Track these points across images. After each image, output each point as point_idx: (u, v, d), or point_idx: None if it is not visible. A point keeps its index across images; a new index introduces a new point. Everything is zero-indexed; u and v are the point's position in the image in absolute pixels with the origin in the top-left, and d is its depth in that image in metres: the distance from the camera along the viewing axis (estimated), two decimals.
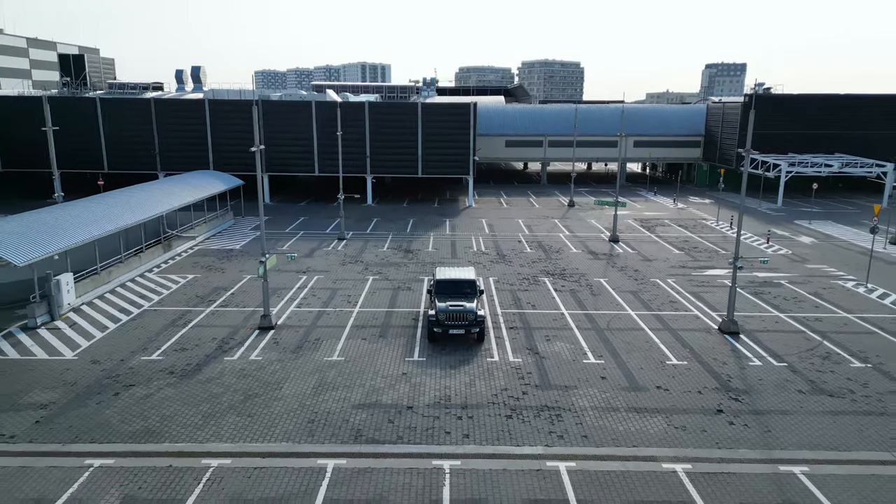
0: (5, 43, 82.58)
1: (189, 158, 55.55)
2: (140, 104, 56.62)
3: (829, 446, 16.90)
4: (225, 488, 14.84)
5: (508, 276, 33.49)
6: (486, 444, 16.84)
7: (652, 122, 73.76)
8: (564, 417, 18.28)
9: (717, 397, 19.62)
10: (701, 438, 17.22)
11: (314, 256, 37.28)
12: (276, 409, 18.63)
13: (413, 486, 14.96)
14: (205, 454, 16.27)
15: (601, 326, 25.83)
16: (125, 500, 14.32)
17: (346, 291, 30.39)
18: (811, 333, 25.23)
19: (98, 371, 21.22)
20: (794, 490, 14.97)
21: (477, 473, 15.49)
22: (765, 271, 34.64)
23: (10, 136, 55.55)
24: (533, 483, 15.11)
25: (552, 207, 56.89)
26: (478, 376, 20.95)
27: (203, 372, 21.19)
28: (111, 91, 79.19)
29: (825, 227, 47.37)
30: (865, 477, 15.53)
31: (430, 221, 49.23)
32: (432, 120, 56.05)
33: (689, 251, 39.70)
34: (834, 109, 65.59)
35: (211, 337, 24.31)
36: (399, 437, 17.16)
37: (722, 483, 15.19)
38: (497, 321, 26.31)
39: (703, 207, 57.24)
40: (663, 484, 15.14)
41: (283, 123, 55.59)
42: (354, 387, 20.15)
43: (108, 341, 23.84)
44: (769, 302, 29.20)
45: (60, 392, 19.66)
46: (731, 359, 22.64)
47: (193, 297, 29.20)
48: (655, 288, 31.46)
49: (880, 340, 24.53)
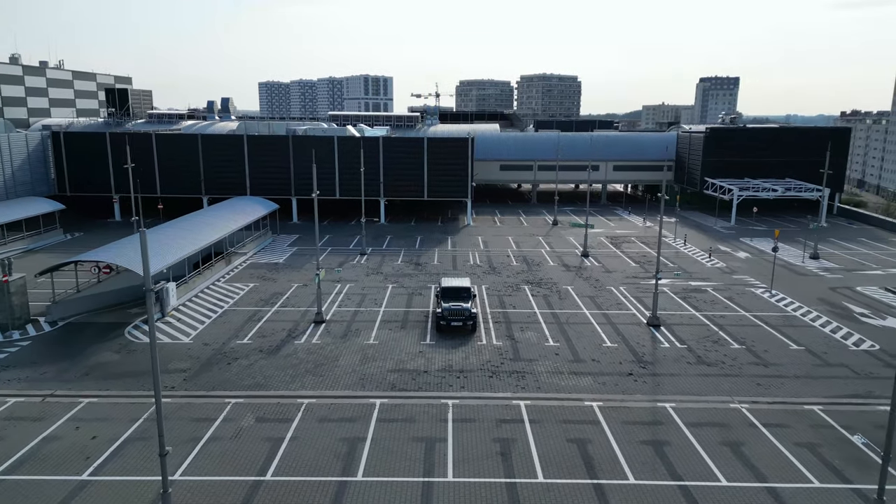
0: (55, 76, 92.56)
1: (229, 184, 65.31)
2: (188, 138, 66.43)
3: (693, 393, 26.51)
4: (315, 414, 24.44)
5: (497, 284, 43.15)
6: (475, 391, 26.45)
7: (629, 148, 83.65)
8: (527, 377, 27.90)
9: (631, 366, 29.23)
10: (613, 389, 26.83)
11: (343, 268, 46.91)
12: (338, 372, 28.25)
13: (430, 412, 24.57)
14: (297, 396, 25.88)
15: (562, 321, 35.46)
16: (258, 419, 23.95)
17: (372, 296, 40.05)
18: (713, 326, 34.84)
19: (210, 350, 30.84)
20: (662, 415, 24.56)
21: (469, 406, 25.10)
22: (697, 280, 44.30)
23: (76, 164, 65.29)
24: (503, 411, 24.72)
25: (538, 226, 66.58)
26: (471, 353, 30.57)
27: (282, 351, 30.82)
28: (150, 120, 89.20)
29: (762, 244, 56.96)
30: (708, 409, 25.11)
31: (434, 238, 58.93)
32: (436, 151, 65.88)
33: (644, 264, 49.32)
34: (783, 140, 75.48)
35: (281, 328, 33.95)
36: (419, 387, 26.78)
37: (618, 411, 24.79)
38: (486, 317, 35.94)
39: (667, 226, 66.91)
40: (582, 411, 24.75)
41: (309, 154, 65.33)
42: (387, 359, 29.77)
43: (209, 331, 33.49)
44: (691, 303, 38.85)
45: (191, 363, 29.31)
46: (649, 343, 32.27)
47: (259, 300, 38.86)
48: (609, 293, 41.10)
49: (760, 331, 34.14)
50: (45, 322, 34.32)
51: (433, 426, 23.45)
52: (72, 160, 65.17)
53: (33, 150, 62.09)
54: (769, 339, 32.93)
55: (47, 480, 19.89)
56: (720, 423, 23.98)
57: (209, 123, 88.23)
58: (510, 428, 23.36)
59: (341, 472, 20.45)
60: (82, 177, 65.58)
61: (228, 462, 20.98)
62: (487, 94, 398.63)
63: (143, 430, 23.05)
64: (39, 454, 21.45)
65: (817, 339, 32.81)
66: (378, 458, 21.29)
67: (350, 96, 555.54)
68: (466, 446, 22.04)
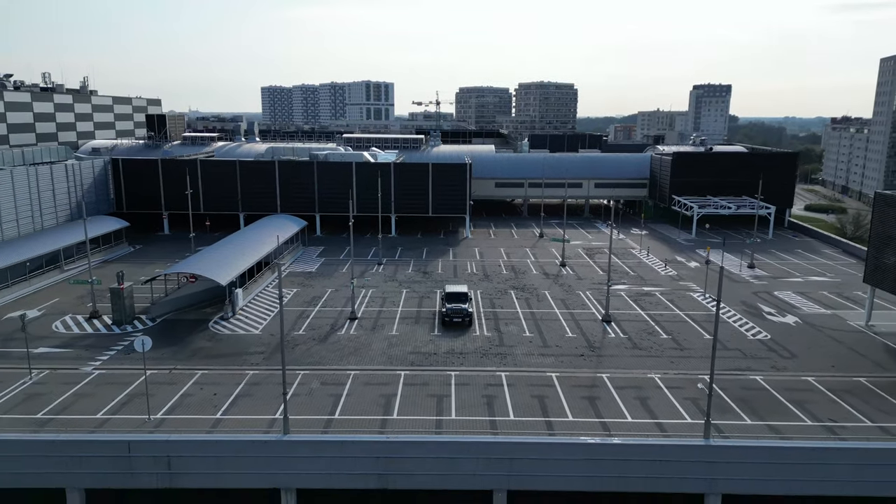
0: (98, 102, 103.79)
1: (262, 203, 76.40)
2: (228, 164, 77.53)
3: (623, 367, 37.62)
4: (360, 381, 35.53)
5: (489, 289, 54.27)
6: (470, 366, 37.57)
7: (609, 168, 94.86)
8: (507, 357, 39.02)
9: (584, 350, 40.34)
10: (567, 365, 37.94)
11: (365, 277, 58.02)
12: (372, 354, 39.37)
13: (438, 379, 35.67)
14: (346, 370, 36.98)
15: (537, 318, 46.57)
16: (322, 383, 35.05)
17: (391, 299, 51.16)
18: (651, 322, 45.95)
19: (276, 339, 41.93)
20: (598, 381, 35.66)
21: (466, 375, 36.21)
22: (649, 286, 55.44)
23: (132, 186, 76.39)
24: (489, 378, 35.83)
25: (527, 238, 77.73)
26: (468, 341, 41.70)
27: (329, 339, 41.94)
28: (184, 142, 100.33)
29: (713, 255, 68.02)
30: (631, 378, 36.21)
31: (438, 250, 70.03)
32: (439, 174, 77.04)
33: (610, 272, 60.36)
34: (741, 163, 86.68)
35: (325, 323, 45.06)
36: (430, 364, 37.88)
37: (569, 379, 35.91)
38: (480, 315, 47.04)
39: (637, 238, 78.01)
40: (544, 379, 35.85)
41: (331, 177, 76.45)
42: (407, 345, 40.88)
43: (272, 325, 44.59)
44: (639, 305, 49.97)
45: (264, 347, 40.42)
46: (600, 334, 43.39)
47: (303, 302, 49.98)
48: (577, 297, 52.23)
49: (686, 326, 45.25)
50: (147, 318, 45.44)
51: (441, 388, 34.58)
52: (128, 182, 76.31)
53: (98, 174, 73.20)
54: (690, 331, 44.08)
55: (195, 419, 30.99)
56: (637, 386, 35.11)
57: (237, 145, 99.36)
58: (493, 389, 34.50)
59: (383, 413, 31.59)
60: (137, 196, 76.68)
61: (310, 408, 32.11)
62: (486, 101, 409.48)
63: (246, 390, 34.18)
64: (183, 404, 32.57)
65: (726, 331, 43.92)
66: (405, 406, 32.42)
67: (352, 101, 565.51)
68: (464, 399, 33.18)
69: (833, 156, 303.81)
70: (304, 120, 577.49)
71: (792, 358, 39.39)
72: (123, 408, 32.00)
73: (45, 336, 41.94)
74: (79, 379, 35.48)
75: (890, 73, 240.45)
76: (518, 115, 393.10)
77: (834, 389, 34.82)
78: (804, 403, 33.03)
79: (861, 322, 45.62)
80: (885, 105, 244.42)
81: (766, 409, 32.45)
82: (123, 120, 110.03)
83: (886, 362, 38.86)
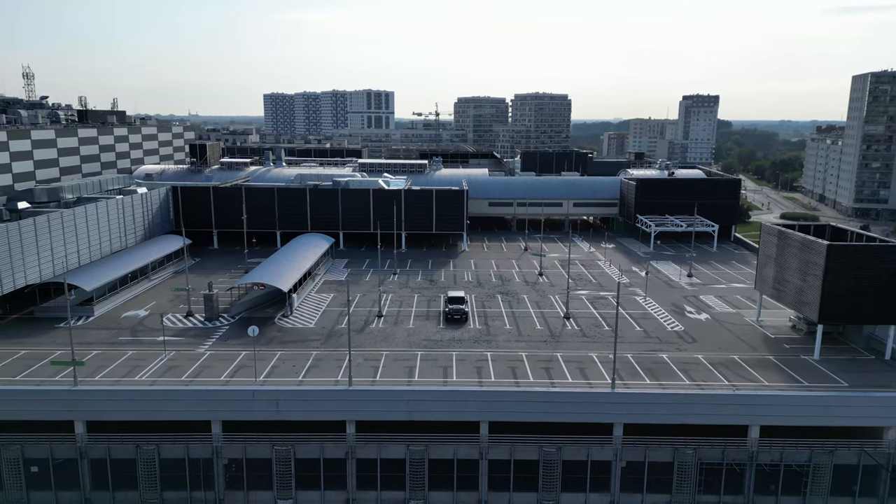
0: (147, 132, 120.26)
1: (296, 222, 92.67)
2: (268, 190, 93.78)
3: (573, 349, 53.99)
4: (390, 357, 51.84)
5: (481, 294, 70.59)
6: (466, 349, 53.95)
7: (585, 190, 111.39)
8: (492, 343, 55.39)
9: (547, 337, 56.71)
10: (534, 348, 54.28)
11: (385, 284, 74.30)
12: (397, 340, 55.71)
13: (444, 357, 52.04)
14: (380, 351, 53.31)
15: (516, 316, 62.91)
16: (364, 359, 51.38)
17: (406, 301, 67.48)
18: (600, 318, 62.27)
19: (326, 330, 58.22)
20: (553, 358, 52.04)
21: (463, 354, 52.57)
22: (604, 291, 71.77)
23: (188, 208, 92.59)
24: (479, 356, 52.21)
25: (514, 251, 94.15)
26: (464, 332, 58.08)
27: (364, 331, 58.28)
28: (222, 168, 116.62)
29: (664, 266, 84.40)
30: (576, 356, 52.56)
31: (440, 262, 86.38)
32: (441, 199, 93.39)
33: (576, 280, 76.73)
34: (695, 187, 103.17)
35: (360, 319, 61.36)
36: (438, 347, 54.26)
37: (534, 357, 52.27)
38: (473, 314, 63.34)
39: (604, 251, 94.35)
40: (517, 357, 52.20)
41: (353, 201, 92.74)
42: (421, 334, 57.27)
43: (321, 321, 60.90)
44: (594, 305, 66.32)
45: (319, 336, 56.77)
46: (560, 326, 59.77)
47: (340, 304, 66.27)
48: (548, 299, 68.55)
49: (624, 321, 61.52)
50: (228, 316, 61.70)
51: (446, 362, 50.96)
52: (185, 205, 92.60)
53: (162, 200, 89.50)
54: (627, 325, 60.46)
55: (286, 380, 47.29)
56: (579, 360, 51.50)
57: (267, 170, 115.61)
58: (481, 363, 50.87)
59: (407, 377, 47.94)
60: (192, 217, 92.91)
61: (359, 373, 48.36)
62: (484, 113, 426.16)
63: (314, 363, 50.49)
64: (275, 371, 48.86)
65: (652, 325, 60.31)
66: (423, 372, 48.75)
67: (353, 109, 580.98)
68: (461, 369, 49.55)
69: (812, 165, 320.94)
70: (306, 126, 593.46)
71: (693, 343, 55.85)
72: (236, 373, 48.36)
73: (159, 329, 58.18)
74: (198, 357, 51.83)
75: (861, 90, 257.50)
76: (514, 125, 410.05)
77: (713, 363, 51.24)
78: (689, 371, 49.43)
79: (753, 318, 62.05)
80: (856, 120, 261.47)
81: (663, 374, 48.85)
82: (165, 146, 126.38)
83: (758, 346, 55.29)
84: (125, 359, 50.99)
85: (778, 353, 53.34)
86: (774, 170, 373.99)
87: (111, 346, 53.81)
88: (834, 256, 49.70)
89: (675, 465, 44.60)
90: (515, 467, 45.31)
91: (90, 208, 71.55)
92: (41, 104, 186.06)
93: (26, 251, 60.61)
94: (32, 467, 44.33)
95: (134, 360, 50.86)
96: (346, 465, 45.15)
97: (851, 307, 50.51)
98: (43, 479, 44.60)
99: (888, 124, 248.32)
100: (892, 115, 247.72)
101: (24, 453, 44.06)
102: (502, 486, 45.64)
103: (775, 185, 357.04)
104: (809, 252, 51.95)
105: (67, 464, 44.92)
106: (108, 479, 44.70)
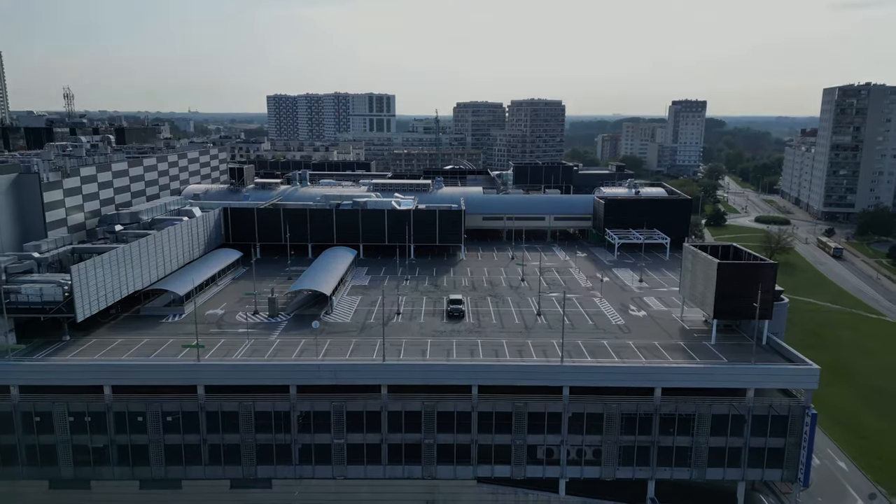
0: (192, 157, 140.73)
1: (324, 236, 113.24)
2: (300, 211, 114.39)
3: (541, 337, 74.76)
4: (409, 343, 72.59)
5: (475, 297, 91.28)
6: (463, 337, 74.77)
7: (565, 206, 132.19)
8: (482, 333, 76.21)
9: (524, 329, 77.49)
10: (513, 336, 75.05)
11: (399, 289, 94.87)
12: (412, 332, 76.49)
13: (447, 343, 72.86)
14: (401, 339, 74.09)
15: (501, 313, 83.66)
16: (390, 345, 72.15)
17: (417, 302, 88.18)
18: (564, 315, 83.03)
19: (359, 325, 78.97)
20: (525, 343, 72.86)
21: (461, 341, 73.39)
22: (571, 294, 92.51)
23: (236, 225, 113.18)
24: (472, 342, 73.06)
25: (503, 260, 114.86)
26: (462, 326, 78.86)
27: (390, 325, 79.01)
28: (257, 187, 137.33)
29: (622, 272, 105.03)
30: (541, 342, 73.36)
31: (443, 269, 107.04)
32: (442, 216, 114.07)
33: (550, 284, 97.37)
34: (654, 206, 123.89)
35: (385, 316, 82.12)
36: (443, 336, 75.07)
37: (512, 343, 73.04)
38: (469, 312, 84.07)
39: (577, 259, 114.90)
40: (499, 342, 73.01)
41: (370, 218, 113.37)
42: (430, 327, 78.05)
43: (355, 317, 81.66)
44: (561, 305, 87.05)
45: (356, 329, 77.55)
46: (533, 321, 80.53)
47: (367, 304, 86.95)
48: (526, 300, 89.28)
49: (581, 317, 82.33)
50: (284, 314, 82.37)
51: (449, 346, 71.76)
52: (234, 223, 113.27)
53: (216, 219, 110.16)
54: (581, 319, 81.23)
55: (339, 358, 68.05)
56: (543, 345, 72.27)
57: (295, 189, 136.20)
58: (474, 347, 71.67)
59: (422, 356, 68.74)
60: (239, 232, 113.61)
61: (389, 354, 69.13)
62: (482, 119, 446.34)
63: (355, 348, 71.21)
64: (330, 351, 69.61)
65: (602, 320, 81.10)
66: (433, 354, 69.53)
67: (355, 112, 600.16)
68: (459, 350, 70.35)
69: (790, 169, 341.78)
70: (309, 127, 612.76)
71: (628, 333, 76.65)
72: (302, 353, 69.10)
73: (236, 323, 78.80)
74: (271, 343, 72.58)
75: (830, 101, 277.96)
76: (510, 130, 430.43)
77: (639, 347, 72.02)
78: (619, 353, 70.20)
79: (678, 315, 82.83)
80: (826, 130, 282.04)
81: (600, 354, 69.63)
82: (205, 167, 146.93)
83: (675, 335, 76.08)
84: (220, 345, 71.76)
85: (687, 340, 74.22)
86: (757, 173, 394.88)
87: (205, 337, 74.57)
88: (722, 271, 70.48)
89: (604, 415, 65.51)
90: (496, 417, 66.18)
91: (172, 229, 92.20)
92: (82, 122, 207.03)
93: (134, 264, 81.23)
94: (168, 417, 65.13)
95: (227, 345, 71.62)
96: (381, 416, 66.02)
97: (735, 307, 71.22)
98: (174, 425, 65.44)
99: (854, 135, 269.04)
100: (858, 125, 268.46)
101: (163, 407, 64.88)
102: (488, 429, 66.53)
103: (757, 188, 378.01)
104: (709, 267, 72.73)
105: (189, 415, 65.72)
106: (219, 426, 65.56)
